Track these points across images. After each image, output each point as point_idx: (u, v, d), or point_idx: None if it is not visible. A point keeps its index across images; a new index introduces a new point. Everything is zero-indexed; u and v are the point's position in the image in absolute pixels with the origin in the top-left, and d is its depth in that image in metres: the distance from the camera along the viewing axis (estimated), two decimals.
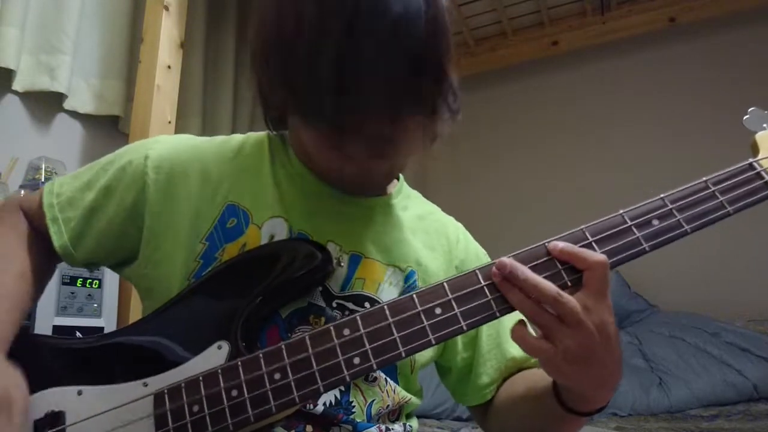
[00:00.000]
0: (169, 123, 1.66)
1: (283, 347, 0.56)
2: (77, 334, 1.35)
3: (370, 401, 0.65)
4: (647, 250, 0.56)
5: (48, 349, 0.61)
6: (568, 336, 0.52)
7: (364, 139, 0.56)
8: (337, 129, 0.54)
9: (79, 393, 0.59)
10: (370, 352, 0.54)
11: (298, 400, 0.54)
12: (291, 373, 0.54)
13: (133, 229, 0.69)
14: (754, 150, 0.62)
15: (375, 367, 0.54)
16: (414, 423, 0.74)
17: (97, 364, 0.62)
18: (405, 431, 0.70)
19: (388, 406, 0.67)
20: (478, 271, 0.56)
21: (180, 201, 0.68)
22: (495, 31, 3.12)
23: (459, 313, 0.55)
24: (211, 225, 0.66)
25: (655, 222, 0.57)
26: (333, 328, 0.55)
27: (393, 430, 0.68)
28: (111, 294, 1.46)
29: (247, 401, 0.54)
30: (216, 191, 0.68)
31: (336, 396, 0.63)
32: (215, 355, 0.58)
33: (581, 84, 3.09)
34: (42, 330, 1.30)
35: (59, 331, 1.32)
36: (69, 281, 1.37)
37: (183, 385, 0.56)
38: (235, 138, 0.76)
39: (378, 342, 0.54)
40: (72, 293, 1.37)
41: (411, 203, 0.79)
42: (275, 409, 0.54)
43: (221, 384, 0.55)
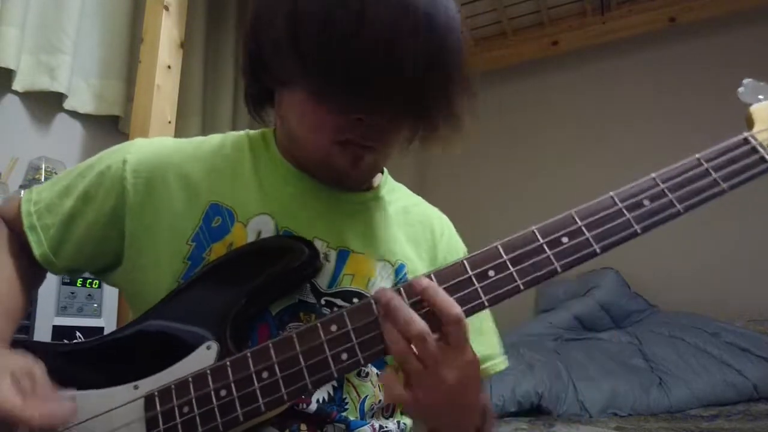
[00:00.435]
0: (169, 123, 1.66)
1: (271, 346, 0.56)
2: (77, 334, 1.35)
3: (363, 397, 0.65)
4: (639, 232, 0.54)
5: (39, 355, 0.61)
6: (426, 385, 0.51)
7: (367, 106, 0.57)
8: (346, 93, 0.56)
9: (72, 398, 0.59)
10: (357, 347, 0.54)
11: (286, 397, 0.54)
12: (279, 371, 0.54)
13: (114, 234, 0.69)
14: (749, 123, 0.59)
15: (362, 362, 0.54)
16: (408, 421, 0.74)
17: (89, 368, 0.62)
18: (399, 429, 0.70)
19: (380, 401, 0.67)
20: (465, 261, 0.55)
21: (161, 203, 0.67)
22: (495, 31, 3.12)
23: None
24: (196, 225, 0.66)
25: (647, 203, 0.55)
26: (320, 324, 0.55)
27: (387, 427, 0.68)
28: (111, 294, 1.46)
29: (236, 401, 0.54)
30: (198, 191, 0.68)
31: (329, 392, 0.63)
32: (205, 356, 0.58)
33: (581, 84, 3.09)
34: (42, 330, 1.30)
35: (59, 331, 1.32)
36: (69, 281, 1.37)
37: (173, 387, 0.57)
38: (214, 138, 0.75)
39: (365, 337, 0.54)
40: (72, 293, 1.37)
41: (396, 197, 0.79)
42: (264, 408, 0.54)
43: (210, 384, 0.55)
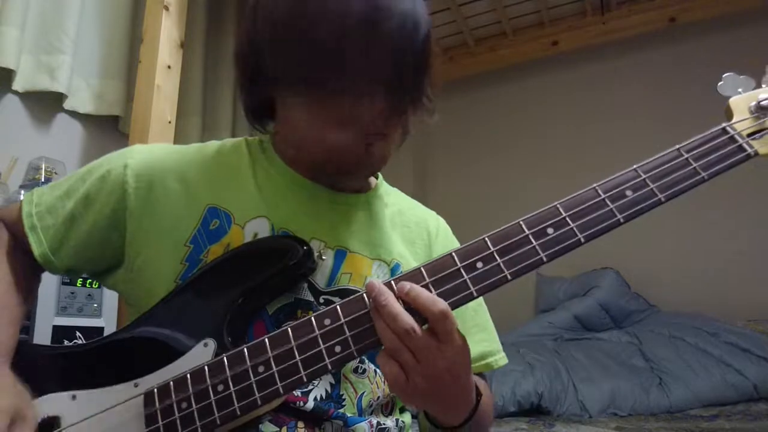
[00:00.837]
0: (169, 123, 1.66)
1: (267, 340, 0.57)
2: (77, 334, 1.35)
3: (360, 393, 0.66)
4: (621, 221, 0.56)
5: (41, 358, 0.62)
6: (418, 374, 0.52)
7: (365, 109, 0.59)
8: (347, 92, 0.58)
9: (73, 397, 0.60)
10: (350, 339, 0.55)
11: (282, 390, 0.55)
12: (274, 365, 0.55)
13: (114, 237, 0.70)
14: (728, 114, 0.62)
15: (356, 354, 0.55)
16: (407, 418, 0.75)
17: (90, 368, 0.63)
18: (397, 426, 0.71)
19: (378, 397, 0.68)
20: (454, 254, 0.56)
21: (161, 207, 0.69)
22: (495, 31, 3.12)
23: (436, 296, 0.55)
24: (194, 228, 0.67)
25: (629, 193, 0.56)
26: (314, 318, 0.56)
27: (385, 425, 0.69)
28: (111, 294, 1.46)
29: (233, 395, 0.56)
30: (196, 195, 0.69)
31: (326, 389, 0.64)
32: (202, 353, 0.60)
33: (581, 84, 3.09)
34: (42, 330, 1.30)
35: (59, 331, 1.32)
36: (69, 281, 1.37)
37: (171, 383, 0.58)
38: (212, 144, 0.77)
39: (357, 329, 0.55)
40: (72, 293, 1.37)
41: (391, 199, 0.81)
42: (260, 401, 0.55)
43: (208, 380, 0.57)
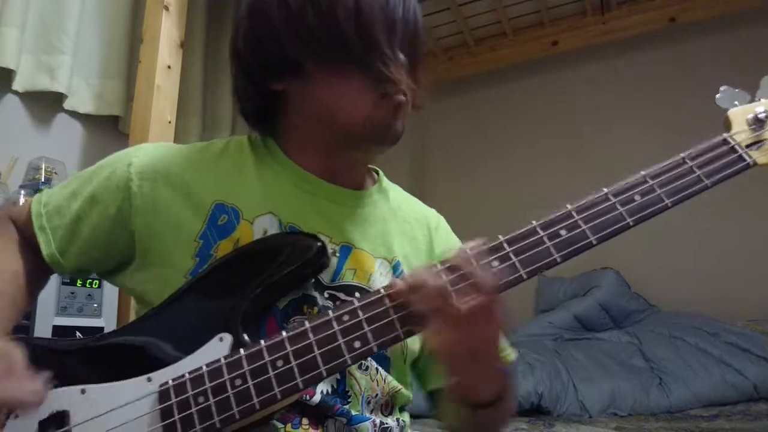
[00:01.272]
0: (169, 123, 1.66)
1: (285, 336, 0.57)
2: (77, 334, 1.35)
3: (364, 390, 0.67)
4: (631, 224, 0.59)
5: (49, 351, 0.61)
6: (456, 334, 0.55)
7: (395, 69, 0.64)
8: (379, 56, 0.63)
9: (83, 392, 0.59)
10: (369, 334, 0.56)
11: (301, 385, 0.55)
12: (293, 359, 0.56)
13: (122, 236, 0.70)
14: (726, 126, 0.66)
15: (375, 350, 0.56)
16: (406, 418, 0.76)
17: (100, 362, 0.62)
18: (398, 425, 0.72)
19: (377, 395, 0.68)
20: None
21: (167, 204, 0.69)
22: (495, 31, 3.12)
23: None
24: (203, 224, 0.68)
25: (638, 198, 0.60)
26: (333, 315, 0.57)
27: (387, 424, 0.69)
28: (111, 294, 1.46)
29: (252, 389, 0.55)
30: (203, 192, 0.70)
31: (332, 385, 0.65)
32: (217, 347, 0.59)
33: (581, 84, 3.10)
34: (42, 330, 1.30)
35: (59, 331, 1.32)
36: (69, 281, 1.37)
37: (188, 378, 0.57)
38: (217, 142, 0.77)
39: (376, 324, 0.56)
40: (72, 293, 1.37)
41: (392, 195, 0.82)
42: (280, 396, 0.55)
43: (225, 375, 0.56)
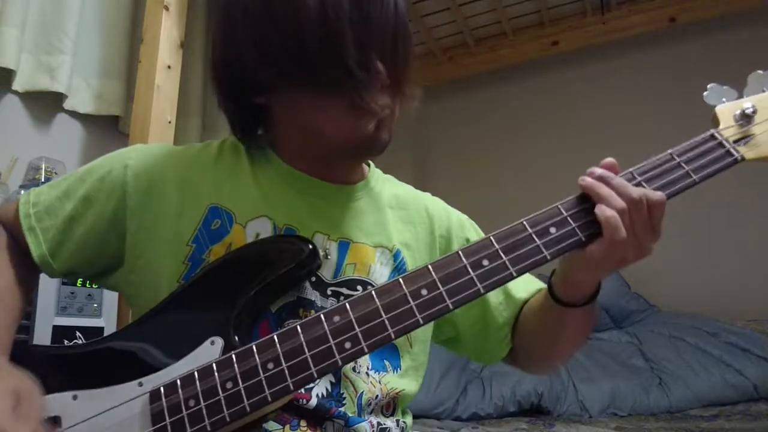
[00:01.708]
0: (169, 123, 1.66)
1: (275, 337, 0.57)
2: (77, 334, 1.35)
3: (360, 392, 0.66)
4: None
5: (40, 358, 0.61)
6: (624, 246, 0.60)
7: (372, 89, 0.63)
8: (359, 82, 0.61)
9: (74, 397, 0.59)
10: (360, 335, 0.55)
11: (292, 387, 0.55)
12: (284, 361, 0.55)
13: (114, 238, 0.70)
14: (714, 122, 0.66)
15: (366, 350, 0.55)
16: (408, 419, 0.75)
17: (91, 368, 0.62)
18: (398, 427, 0.71)
19: (377, 396, 0.68)
20: (460, 252, 0.58)
21: (162, 207, 0.68)
22: (495, 31, 3.11)
23: (444, 292, 0.56)
24: (196, 228, 0.67)
25: None
26: (323, 315, 0.57)
27: (385, 425, 0.68)
28: (111, 294, 1.45)
29: (243, 391, 0.55)
30: (198, 195, 0.69)
31: (327, 388, 0.64)
32: (209, 351, 0.59)
33: (581, 84, 3.09)
34: (42, 330, 1.29)
35: (59, 332, 1.32)
36: (69, 281, 1.37)
37: (178, 381, 0.57)
38: (213, 144, 0.77)
39: (367, 325, 0.56)
40: (72, 293, 1.37)
41: (386, 185, 0.82)
42: (270, 398, 0.55)
43: (216, 377, 0.56)
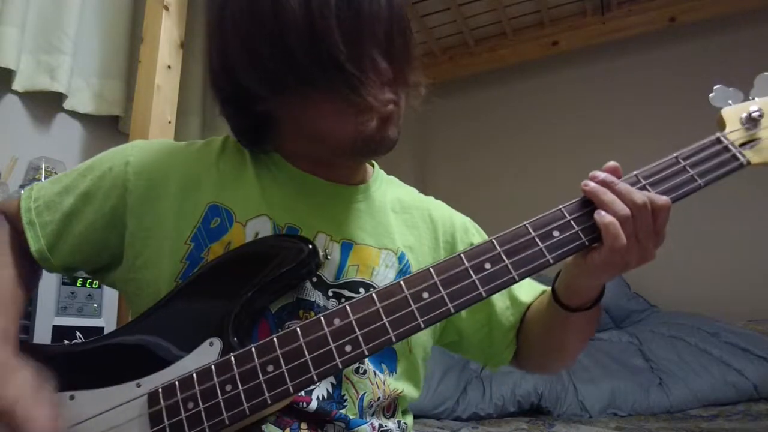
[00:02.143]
0: (169, 123, 1.65)
1: (275, 339, 0.56)
2: (77, 334, 1.35)
3: (361, 394, 0.66)
4: None
5: (38, 357, 0.60)
6: (626, 251, 0.57)
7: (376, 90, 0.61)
8: (359, 80, 0.59)
9: (72, 398, 0.59)
10: (360, 338, 0.55)
11: (292, 390, 0.54)
12: (284, 364, 0.55)
13: (114, 235, 0.69)
14: (720, 125, 0.65)
15: (366, 353, 0.55)
16: (409, 420, 0.75)
17: (89, 368, 0.62)
18: (399, 428, 0.71)
19: (379, 398, 0.67)
20: (462, 255, 0.58)
21: (162, 205, 0.68)
22: (495, 31, 3.11)
23: (446, 296, 0.56)
24: (195, 226, 0.67)
25: None
26: (323, 318, 0.56)
27: (386, 426, 0.68)
28: (111, 294, 1.46)
29: (242, 394, 0.55)
30: (198, 193, 0.69)
31: (328, 390, 0.64)
32: (207, 352, 0.59)
33: (581, 84, 3.09)
34: (42, 330, 1.29)
35: (59, 331, 1.32)
36: (69, 281, 1.37)
37: (177, 383, 0.57)
38: (215, 141, 0.77)
39: (368, 328, 0.55)
40: (72, 293, 1.37)
41: (390, 188, 0.81)
42: (270, 400, 0.54)
43: (215, 379, 0.56)
